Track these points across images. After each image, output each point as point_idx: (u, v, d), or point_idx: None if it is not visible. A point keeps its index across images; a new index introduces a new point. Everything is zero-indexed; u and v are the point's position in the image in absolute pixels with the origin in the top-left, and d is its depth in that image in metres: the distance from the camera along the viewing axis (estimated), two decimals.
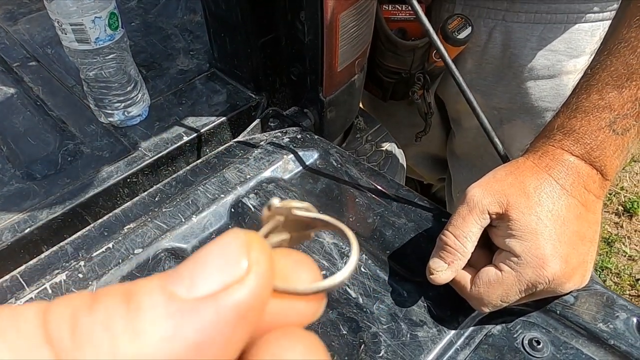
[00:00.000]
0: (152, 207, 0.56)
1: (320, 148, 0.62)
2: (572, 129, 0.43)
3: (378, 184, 0.57)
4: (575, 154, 0.43)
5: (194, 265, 0.12)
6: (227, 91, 0.73)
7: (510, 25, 0.74)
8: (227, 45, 0.70)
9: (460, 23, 0.72)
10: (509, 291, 0.41)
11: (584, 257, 0.42)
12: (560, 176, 0.42)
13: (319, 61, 0.64)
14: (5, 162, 0.63)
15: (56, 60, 0.78)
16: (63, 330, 0.11)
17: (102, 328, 0.11)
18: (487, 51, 0.78)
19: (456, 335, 0.44)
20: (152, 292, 0.11)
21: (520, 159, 0.45)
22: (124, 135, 0.66)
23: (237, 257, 0.12)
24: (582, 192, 0.42)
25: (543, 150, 0.44)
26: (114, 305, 0.11)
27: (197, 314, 0.11)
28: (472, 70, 0.81)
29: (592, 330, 0.43)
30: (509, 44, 0.76)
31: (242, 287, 0.12)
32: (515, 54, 0.76)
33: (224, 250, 0.12)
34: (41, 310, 0.11)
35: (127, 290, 0.11)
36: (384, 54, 0.80)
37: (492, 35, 0.76)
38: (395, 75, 0.83)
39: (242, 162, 0.59)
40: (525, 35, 0.74)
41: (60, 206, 0.57)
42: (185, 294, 0.11)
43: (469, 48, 0.79)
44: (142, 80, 0.68)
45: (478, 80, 0.81)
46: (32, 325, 0.11)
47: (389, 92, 0.88)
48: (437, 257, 0.44)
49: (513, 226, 0.41)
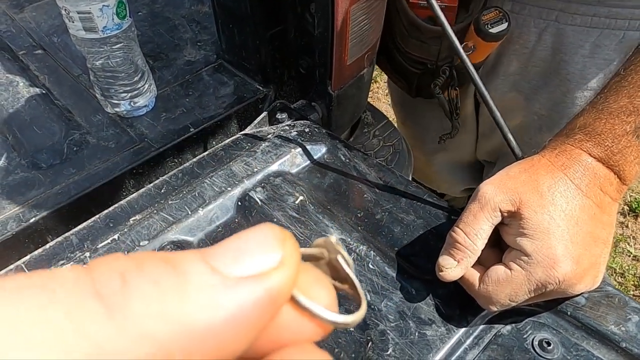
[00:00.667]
0: (158, 198, 0.56)
1: (328, 142, 0.61)
2: (594, 130, 0.42)
3: (387, 180, 0.56)
4: (594, 156, 0.42)
5: (233, 246, 0.13)
6: (235, 83, 0.72)
7: (563, 28, 0.67)
8: (235, 37, 0.70)
9: (496, 16, 0.66)
10: (518, 290, 0.40)
11: (597, 259, 0.41)
12: (576, 176, 0.41)
13: (329, 54, 0.63)
14: (10, 150, 0.62)
15: (62, 49, 0.77)
16: (113, 286, 0.11)
17: (152, 287, 0.11)
18: (535, 53, 0.71)
19: (465, 335, 0.43)
20: (195, 263, 0.12)
21: (535, 157, 0.44)
22: (130, 125, 0.66)
23: (273, 247, 0.13)
24: (598, 193, 0.41)
25: (561, 149, 0.43)
26: (161, 269, 0.12)
27: (238, 291, 0.12)
28: (516, 72, 0.75)
29: (603, 333, 0.42)
30: (560, 49, 0.69)
31: (277, 274, 0.12)
32: (565, 60, 0.69)
33: (261, 239, 0.13)
34: (83, 270, 0.11)
35: (169, 258, 0.12)
36: (407, 40, 0.74)
37: (542, 37, 0.69)
38: (420, 66, 0.77)
39: (249, 155, 0.58)
40: (578, 41, 0.67)
41: (65, 196, 0.57)
42: (226, 271, 0.12)
43: (516, 49, 0.72)
44: (149, 70, 0.67)
45: (522, 82, 0.75)
46: (78, 283, 0.11)
47: (413, 85, 0.81)
48: (447, 254, 0.43)
49: (525, 225, 0.40)
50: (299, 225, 0.51)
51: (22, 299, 0.10)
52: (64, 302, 0.11)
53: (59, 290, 0.11)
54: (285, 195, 0.54)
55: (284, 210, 0.53)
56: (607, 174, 0.42)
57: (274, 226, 0.13)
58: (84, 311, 0.10)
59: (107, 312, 0.11)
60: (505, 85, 0.77)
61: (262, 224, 0.13)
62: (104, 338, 0.10)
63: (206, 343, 0.11)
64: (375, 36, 0.69)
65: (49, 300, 0.10)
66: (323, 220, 0.52)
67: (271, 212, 0.53)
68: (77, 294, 0.11)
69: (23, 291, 0.11)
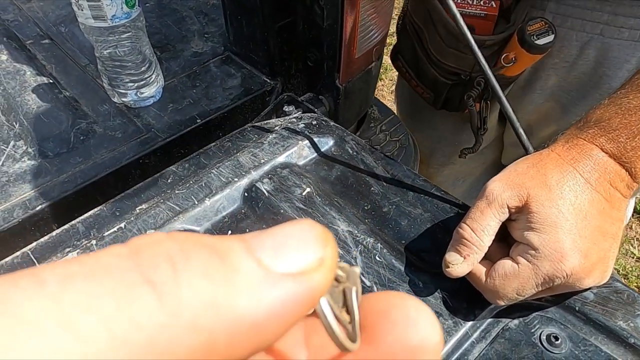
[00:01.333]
0: (164, 188, 0.55)
1: (335, 135, 0.61)
2: (610, 125, 0.42)
3: (394, 173, 0.56)
4: (606, 151, 0.41)
5: (274, 239, 0.12)
6: (242, 75, 0.72)
7: (608, 42, 0.64)
8: (244, 28, 0.69)
9: (542, 27, 0.63)
10: (526, 284, 0.40)
11: (605, 253, 0.41)
12: (585, 170, 0.41)
13: (337, 47, 0.63)
14: (17, 139, 0.62)
15: (69, 38, 0.77)
16: (164, 273, 0.11)
17: (202, 276, 0.11)
18: (576, 67, 0.68)
19: (472, 328, 0.43)
20: (242, 255, 0.12)
21: (544, 151, 0.44)
22: (137, 116, 0.65)
23: (315, 246, 0.13)
24: (608, 188, 0.41)
25: (572, 143, 0.42)
26: (209, 258, 0.11)
27: (281, 287, 0.12)
28: (554, 85, 0.72)
29: (611, 328, 0.42)
30: (603, 63, 0.66)
31: (318, 275, 0.12)
32: (608, 75, 0.66)
33: (303, 235, 0.13)
34: (128, 254, 0.11)
35: (215, 247, 0.12)
36: (443, 50, 0.71)
37: (585, 51, 0.66)
38: (454, 77, 0.74)
39: (256, 147, 0.58)
40: (624, 55, 0.64)
41: (72, 185, 0.57)
42: (270, 265, 0.12)
43: (555, 63, 0.69)
44: (156, 61, 0.67)
45: (560, 93, 0.72)
46: (122, 266, 0.11)
47: (442, 96, 0.78)
48: (454, 250, 0.43)
49: (532, 219, 0.40)
50: (305, 217, 0.51)
51: (70, 289, 0.10)
52: (114, 289, 0.10)
53: (107, 278, 0.11)
54: (292, 187, 0.54)
55: (290, 201, 0.53)
56: (618, 169, 0.41)
57: (315, 224, 0.13)
58: (134, 299, 0.10)
59: (159, 301, 0.10)
60: (541, 97, 0.75)
61: (303, 220, 0.13)
62: (156, 327, 0.10)
63: (248, 336, 0.11)
64: (384, 30, 0.69)
65: (98, 288, 0.10)
66: (330, 212, 0.52)
67: (278, 203, 0.53)
68: (123, 279, 0.11)
69: (71, 280, 0.10)
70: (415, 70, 0.80)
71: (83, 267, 0.11)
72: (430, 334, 0.13)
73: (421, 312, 0.14)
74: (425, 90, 0.80)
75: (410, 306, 0.14)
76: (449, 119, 0.87)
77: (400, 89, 0.97)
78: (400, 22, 0.83)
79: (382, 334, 0.14)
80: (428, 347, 0.13)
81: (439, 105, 0.80)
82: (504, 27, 0.68)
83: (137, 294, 0.10)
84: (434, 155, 0.96)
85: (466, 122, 0.83)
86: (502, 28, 0.68)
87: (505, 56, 0.67)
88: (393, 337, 0.13)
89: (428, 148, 0.94)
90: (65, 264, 0.11)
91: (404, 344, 0.13)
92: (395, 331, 0.13)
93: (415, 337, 0.13)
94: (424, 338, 0.13)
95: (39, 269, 0.11)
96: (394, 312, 0.14)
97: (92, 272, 0.11)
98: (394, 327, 0.13)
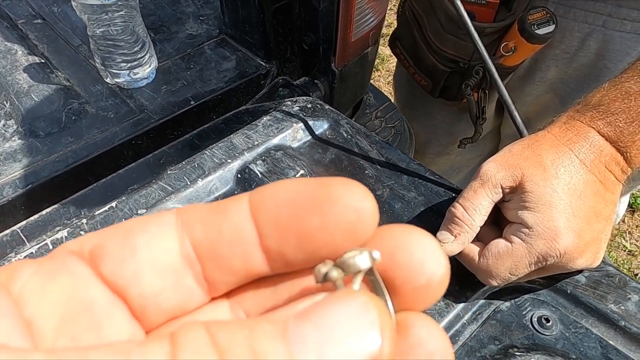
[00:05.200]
0: (156, 169, 0.55)
1: (330, 118, 0.60)
2: (609, 109, 0.41)
3: (388, 157, 0.56)
4: (603, 134, 0.41)
5: (320, 329, 0.11)
6: (237, 58, 0.71)
7: (610, 34, 0.63)
8: (239, 11, 0.69)
9: (543, 17, 0.62)
10: (519, 263, 0.40)
11: (598, 235, 0.41)
12: (581, 151, 0.41)
13: (333, 30, 0.63)
14: (8, 118, 0.61)
15: (62, 19, 0.76)
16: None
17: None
18: (577, 59, 0.67)
19: (464, 309, 0.43)
20: (278, 352, 0.11)
21: (539, 133, 0.44)
22: (129, 97, 0.65)
23: (371, 335, 0.11)
24: (603, 170, 0.41)
25: (569, 125, 0.42)
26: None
27: None
28: (554, 77, 0.71)
29: (602, 311, 0.42)
30: (604, 55, 0.65)
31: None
32: (609, 68, 0.65)
33: (356, 322, 0.11)
34: (170, 349, 0.11)
35: (252, 344, 0.11)
36: (442, 37, 0.70)
37: (586, 43, 0.65)
38: (452, 64, 0.73)
39: (250, 129, 0.58)
40: (626, 48, 0.63)
41: (62, 164, 0.56)
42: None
43: (556, 54, 0.68)
44: (150, 42, 0.66)
45: (559, 85, 0.72)
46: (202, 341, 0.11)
47: (440, 84, 0.77)
48: (445, 229, 0.43)
49: (527, 198, 0.40)
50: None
51: None
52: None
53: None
54: (286, 169, 0.54)
55: None
56: (614, 153, 0.41)
57: (371, 300, 0.11)
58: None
59: None
60: (540, 89, 0.74)
61: (354, 296, 0.11)
62: None
63: None
64: (380, 14, 0.68)
65: None
66: None
67: None
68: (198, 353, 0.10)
69: None
70: (414, 58, 0.80)
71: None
72: (436, 270, 0.13)
73: (426, 248, 0.13)
74: (423, 78, 0.79)
75: (414, 244, 0.13)
76: (445, 108, 0.86)
77: (398, 76, 0.96)
78: (400, 9, 0.82)
79: (389, 280, 0.13)
80: (434, 283, 0.13)
81: (437, 93, 0.79)
82: (504, 15, 0.67)
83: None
84: (430, 144, 0.95)
85: (463, 112, 0.83)
86: (502, 16, 0.67)
87: (505, 45, 0.66)
88: (400, 281, 0.13)
89: (424, 137, 0.94)
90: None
91: (411, 286, 0.13)
92: (402, 275, 0.13)
93: (421, 278, 0.13)
94: (430, 277, 0.13)
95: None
96: (399, 254, 0.13)
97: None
98: (400, 270, 0.13)
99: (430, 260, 0.13)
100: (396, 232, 0.14)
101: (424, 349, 0.13)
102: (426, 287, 0.13)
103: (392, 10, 1.87)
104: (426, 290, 0.13)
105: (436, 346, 0.13)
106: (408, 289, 0.13)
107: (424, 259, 0.13)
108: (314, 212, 0.13)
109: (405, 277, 0.13)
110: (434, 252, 0.13)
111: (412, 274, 0.13)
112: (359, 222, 0.13)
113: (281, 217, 0.13)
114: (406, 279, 0.13)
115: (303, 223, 0.13)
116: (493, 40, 0.68)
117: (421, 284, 0.13)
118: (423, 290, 0.13)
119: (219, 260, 0.13)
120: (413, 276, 0.13)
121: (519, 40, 0.64)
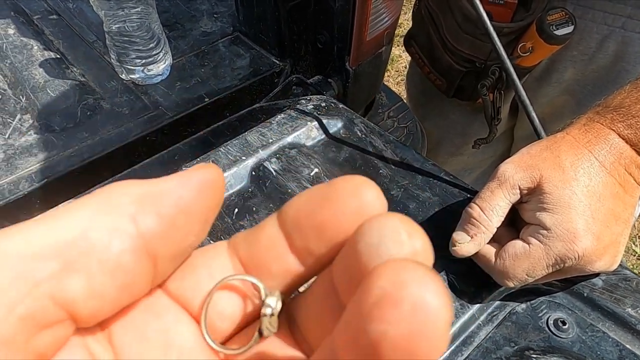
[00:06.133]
0: (171, 165, 0.55)
1: (344, 117, 0.60)
2: (630, 112, 0.41)
3: (403, 157, 0.56)
4: (623, 137, 0.41)
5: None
6: (251, 56, 0.71)
7: (630, 36, 0.62)
8: (254, 8, 0.69)
9: (562, 17, 0.61)
10: (536, 265, 0.40)
11: (617, 238, 0.41)
12: (601, 153, 0.40)
13: (348, 29, 0.62)
14: (23, 112, 0.62)
15: (77, 15, 0.77)
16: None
17: None
18: (595, 61, 0.66)
19: (479, 311, 0.43)
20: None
21: (558, 134, 0.43)
22: (144, 93, 0.65)
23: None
24: (622, 173, 0.41)
25: (589, 127, 0.42)
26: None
27: None
28: (571, 78, 0.70)
29: (619, 315, 0.42)
30: (622, 57, 0.64)
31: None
32: (627, 70, 0.64)
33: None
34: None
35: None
36: (459, 36, 0.70)
37: (604, 45, 0.64)
38: (468, 64, 0.72)
39: (264, 126, 0.58)
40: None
41: (78, 159, 0.56)
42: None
43: (574, 56, 0.68)
44: (165, 38, 0.66)
45: (575, 87, 0.71)
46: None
47: (454, 83, 0.76)
48: (461, 229, 0.43)
49: (545, 199, 0.40)
50: None
51: None
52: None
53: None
54: (300, 167, 0.54)
55: (298, 181, 0.52)
56: (634, 156, 0.41)
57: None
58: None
59: None
60: (556, 90, 0.73)
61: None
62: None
63: None
64: (395, 14, 0.68)
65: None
66: None
67: (285, 182, 0.52)
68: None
69: None
70: (429, 57, 0.79)
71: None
72: (394, 252, 0.13)
73: (382, 230, 0.13)
74: (438, 78, 0.79)
75: (373, 229, 0.13)
76: (459, 108, 0.85)
77: (412, 76, 0.96)
78: (416, 8, 0.82)
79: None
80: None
81: (451, 93, 0.79)
82: (522, 15, 0.67)
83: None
84: (443, 144, 0.95)
85: (477, 112, 0.82)
86: (520, 16, 0.67)
87: (522, 45, 0.65)
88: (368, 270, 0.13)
89: (437, 137, 0.93)
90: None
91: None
92: (365, 265, 0.13)
93: (378, 262, 0.13)
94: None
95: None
96: (360, 246, 0.13)
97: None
98: (363, 260, 0.13)
99: (388, 242, 0.13)
100: (365, 225, 0.14)
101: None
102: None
103: (402, 10, 1.86)
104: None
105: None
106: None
107: (379, 241, 0.13)
108: (324, 205, 0.14)
109: (367, 265, 0.13)
110: (393, 232, 0.13)
111: (369, 261, 0.13)
112: (363, 206, 0.14)
113: (300, 218, 0.15)
114: (368, 267, 0.13)
115: (317, 217, 0.15)
116: (510, 41, 0.67)
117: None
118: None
119: (260, 267, 0.15)
120: (371, 262, 0.13)
121: (536, 40, 0.63)
